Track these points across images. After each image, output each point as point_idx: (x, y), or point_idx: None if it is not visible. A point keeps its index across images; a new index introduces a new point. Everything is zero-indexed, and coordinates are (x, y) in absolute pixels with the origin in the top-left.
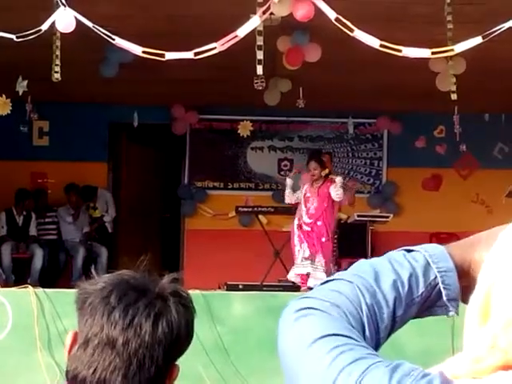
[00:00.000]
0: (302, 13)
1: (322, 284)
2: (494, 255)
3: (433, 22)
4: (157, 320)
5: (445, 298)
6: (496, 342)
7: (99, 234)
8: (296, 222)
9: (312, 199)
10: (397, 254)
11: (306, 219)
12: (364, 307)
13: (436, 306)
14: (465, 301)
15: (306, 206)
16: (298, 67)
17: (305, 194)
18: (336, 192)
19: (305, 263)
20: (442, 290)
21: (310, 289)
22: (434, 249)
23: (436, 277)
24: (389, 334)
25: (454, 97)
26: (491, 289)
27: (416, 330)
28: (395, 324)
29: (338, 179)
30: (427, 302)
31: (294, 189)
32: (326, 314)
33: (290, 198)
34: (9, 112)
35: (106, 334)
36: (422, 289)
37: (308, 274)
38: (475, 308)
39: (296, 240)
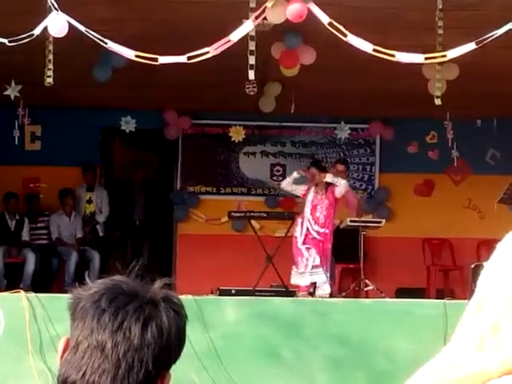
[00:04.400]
0: (293, 12)
1: None
2: (493, 261)
3: (426, 27)
4: (146, 323)
5: None
6: (482, 344)
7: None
8: (299, 229)
9: (320, 207)
10: None
11: (316, 228)
12: None
13: None
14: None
15: (313, 215)
16: (294, 70)
17: (312, 202)
18: (339, 189)
19: (313, 271)
20: None
21: (311, 294)
22: None
23: None
24: None
25: (437, 102)
26: (486, 293)
27: (408, 337)
28: None
29: (343, 182)
30: None
31: (296, 183)
32: None
33: (288, 185)
34: None
35: (96, 337)
36: None
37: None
38: (471, 308)
39: (303, 248)
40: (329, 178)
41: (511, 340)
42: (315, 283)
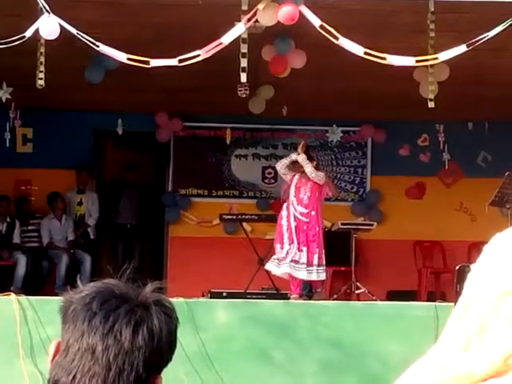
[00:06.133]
0: (285, 14)
1: None
2: (480, 263)
3: (417, 30)
4: (137, 327)
5: None
6: (468, 345)
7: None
8: (285, 213)
9: (304, 189)
10: None
11: (300, 209)
12: None
13: None
14: None
15: (297, 197)
16: (283, 75)
17: (296, 184)
18: (310, 174)
19: (294, 265)
20: None
21: (301, 296)
22: None
23: None
24: None
25: (431, 105)
26: (472, 294)
27: (399, 340)
28: None
29: (309, 169)
30: None
31: (289, 168)
32: None
33: (283, 167)
34: None
35: (86, 340)
36: None
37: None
38: (458, 309)
39: (285, 236)
40: (300, 158)
41: (496, 341)
42: (309, 285)
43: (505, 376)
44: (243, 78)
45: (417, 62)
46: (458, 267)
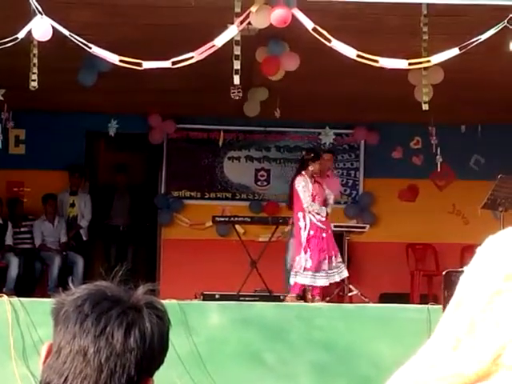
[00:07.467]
0: (278, 17)
1: None
2: (472, 265)
3: (409, 33)
4: (129, 329)
5: None
6: (458, 344)
7: (75, 242)
8: (302, 223)
9: (318, 198)
10: None
11: (318, 217)
12: None
13: None
14: None
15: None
16: (275, 76)
17: (313, 194)
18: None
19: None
20: None
21: (297, 298)
22: None
23: None
24: None
25: (425, 107)
26: (464, 295)
27: (392, 342)
28: None
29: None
30: None
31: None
32: None
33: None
34: None
35: (78, 342)
36: None
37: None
38: (449, 309)
39: (303, 245)
40: (329, 209)
41: (486, 340)
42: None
43: (495, 375)
44: (236, 80)
45: (409, 64)
46: (444, 272)
